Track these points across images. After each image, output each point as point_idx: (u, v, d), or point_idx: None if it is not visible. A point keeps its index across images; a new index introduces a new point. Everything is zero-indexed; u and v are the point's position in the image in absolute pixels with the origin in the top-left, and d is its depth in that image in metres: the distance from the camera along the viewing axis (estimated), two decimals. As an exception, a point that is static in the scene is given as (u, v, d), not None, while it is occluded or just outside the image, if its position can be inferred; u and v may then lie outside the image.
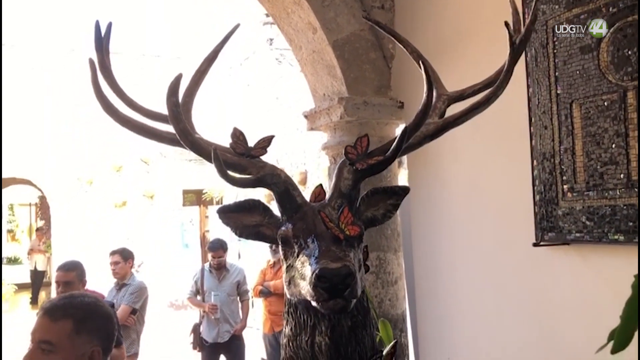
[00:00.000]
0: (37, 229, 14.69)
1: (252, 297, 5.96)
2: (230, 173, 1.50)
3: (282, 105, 8.61)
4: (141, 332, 4.95)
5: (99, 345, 1.66)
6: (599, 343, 2.32)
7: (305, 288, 1.35)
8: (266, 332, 5.71)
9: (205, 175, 11.11)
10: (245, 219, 1.60)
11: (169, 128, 1.68)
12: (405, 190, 1.64)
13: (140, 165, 11.34)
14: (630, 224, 2.17)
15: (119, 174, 11.15)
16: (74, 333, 1.61)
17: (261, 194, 5.35)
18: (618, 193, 2.22)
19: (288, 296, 1.53)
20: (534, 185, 2.55)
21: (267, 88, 9.46)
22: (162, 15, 11.09)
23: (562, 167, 2.43)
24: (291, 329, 1.53)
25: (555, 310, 2.51)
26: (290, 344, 1.52)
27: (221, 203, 11.54)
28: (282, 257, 1.54)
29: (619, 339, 0.90)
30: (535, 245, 2.50)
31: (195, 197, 11.64)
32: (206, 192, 11.21)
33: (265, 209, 1.60)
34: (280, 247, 1.54)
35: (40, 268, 13.14)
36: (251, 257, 9.02)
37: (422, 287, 3.35)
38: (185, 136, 1.55)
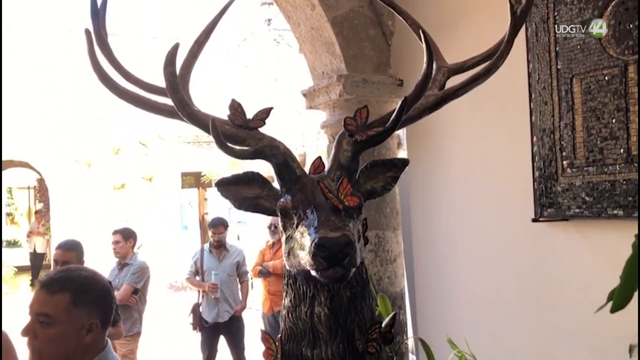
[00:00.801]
0: (36, 212, 14.71)
1: (251, 279, 5.98)
2: (229, 144, 1.49)
3: (281, 87, 8.58)
4: (143, 311, 4.97)
5: (97, 318, 1.67)
6: (598, 318, 2.33)
7: (304, 258, 1.35)
8: (265, 312, 5.74)
9: (203, 158, 11.11)
10: (244, 192, 1.60)
11: (166, 101, 1.67)
12: (404, 163, 1.64)
13: (139, 147, 11.32)
14: (630, 198, 2.17)
15: (117, 157, 11.14)
16: (72, 306, 1.62)
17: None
18: (618, 168, 2.21)
19: (287, 267, 1.53)
20: (533, 162, 2.54)
21: (265, 70, 9.41)
22: (160, -4, 11.00)
23: (562, 142, 2.42)
24: (290, 300, 1.53)
25: (554, 285, 2.52)
26: (290, 315, 1.53)
27: (220, 185, 11.55)
28: (280, 228, 1.54)
29: (618, 299, 0.90)
30: (534, 221, 2.49)
31: (194, 180, 11.62)
32: (205, 175, 11.20)
33: (264, 181, 1.60)
34: (279, 218, 1.54)
35: (39, 250, 13.18)
36: (250, 239, 9.04)
37: (421, 264, 3.36)
38: (183, 107, 1.53)
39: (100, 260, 5.46)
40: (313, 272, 1.33)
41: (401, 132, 4.25)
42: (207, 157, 10.92)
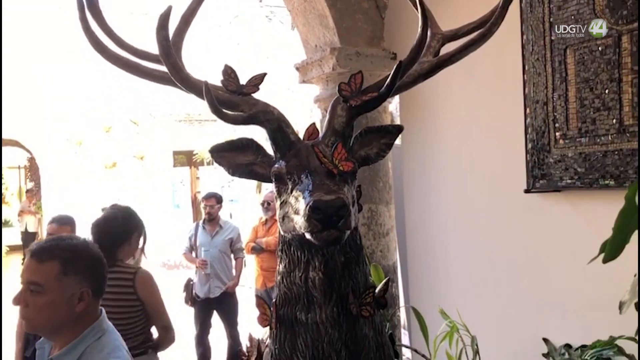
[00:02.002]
0: (27, 191, 14.63)
1: (245, 256, 6.00)
2: (223, 110, 1.48)
3: (273, 65, 8.51)
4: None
5: (88, 287, 1.66)
6: (589, 288, 2.37)
7: (299, 222, 1.35)
8: (258, 288, 5.77)
9: (195, 136, 11.05)
10: (238, 158, 1.59)
11: (159, 68, 1.65)
12: (398, 129, 1.64)
13: (130, 126, 11.24)
14: (621, 169, 2.18)
15: (108, 135, 11.06)
16: (62, 274, 1.61)
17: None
18: (610, 138, 2.23)
19: (282, 233, 1.53)
20: (526, 133, 2.55)
21: (257, 47, 9.33)
22: (150, -29, 10.82)
23: (555, 114, 2.43)
24: (285, 266, 1.54)
25: (545, 256, 2.54)
26: (284, 280, 1.54)
27: (212, 164, 11.53)
28: (275, 194, 1.54)
29: (610, 250, 0.91)
30: (526, 192, 2.51)
31: (185, 159, 11.59)
32: (197, 154, 11.16)
33: (258, 148, 1.60)
34: (273, 184, 1.53)
35: (31, 229, 13.13)
36: (242, 217, 9.05)
37: (413, 238, 3.38)
38: (176, 72, 1.52)
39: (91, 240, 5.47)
40: (308, 235, 1.33)
41: (394, 109, 4.25)
42: (199, 135, 10.87)
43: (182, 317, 6.43)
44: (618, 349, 1.92)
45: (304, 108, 8.11)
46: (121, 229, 2.85)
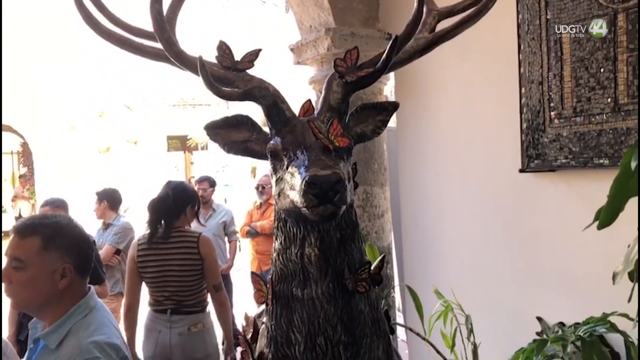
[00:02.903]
0: (20, 176, 14.56)
1: (239, 240, 6.00)
2: (217, 85, 1.47)
3: (267, 49, 8.47)
4: (125, 271, 4.98)
5: (70, 263, 1.67)
6: (582, 267, 2.38)
7: (295, 197, 1.35)
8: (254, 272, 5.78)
9: (189, 121, 11.01)
10: (233, 135, 1.58)
11: (153, 44, 1.64)
12: (394, 106, 1.63)
13: (124, 110, 11.18)
14: (616, 147, 2.19)
15: (102, 120, 11.00)
16: (43, 249, 1.63)
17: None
18: (604, 117, 2.23)
19: (278, 210, 1.53)
20: (521, 113, 2.55)
21: (251, 31, 9.26)
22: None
23: (550, 93, 2.43)
24: (281, 243, 1.54)
25: (540, 235, 2.56)
26: (280, 257, 1.54)
27: (206, 149, 11.48)
28: (271, 171, 1.53)
29: (605, 216, 0.91)
30: (521, 171, 2.52)
31: (179, 143, 11.56)
32: (191, 138, 11.13)
33: (253, 124, 1.59)
34: (269, 161, 1.53)
35: (25, 215, 13.08)
36: (237, 201, 9.05)
37: (408, 219, 3.39)
38: (170, 47, 1.50)
39: (85, 224, 5.47)
40: (304, 210, 1.33)
41: (389, 93, 4.24)
42: (192, 120, 10.83)
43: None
44: (611, 325, 1.94)
45: (298, 92, 8.07)
46: (173, 205, 3.26)
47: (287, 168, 1.43)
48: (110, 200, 5.07)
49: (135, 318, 3.26)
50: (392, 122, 3.94)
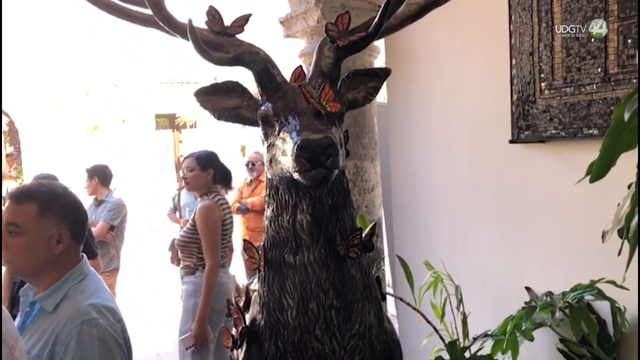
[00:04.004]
0: (7, 155, 14.41)
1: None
2: (208, 50, 1.45)
3: (255, 26, 8.37)
4: (120, 248, 5.00)
5: (67, 229, 1.69)
6: (571, 237, 2.41)
7: (287, 163, 1.35)
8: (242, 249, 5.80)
9: (178, 99, 10.91)
10: (223, 102, 1.57)
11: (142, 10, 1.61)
12: (386, 72, 1.62)
13: (111, 88, 11.06)
14: (605, 117, 2.20)
15: (89, 98, 10.88)
16: (39, 215, 1.64)
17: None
18: (595, 87, 2.24)
19: (269, 176, 1.53)
20: (512, 85, 2.55)
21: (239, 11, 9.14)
22: None
23: (541, 64, 2.42)
24: (273, 210, 1.54)
25: (529, 207, 2.58)
26: (272, 224, 1.54)
27: (195, 127, 11.41)
28: (262, 137, 1.53)
29: (597, 169, 0.92)
30: (511, 142, 2.53)
31: (168, 122, 11.46)
32: (179, 117, 11.04)
33: (244, 91, 1.58)
34: (260, 127, 1.52)
35: (12, 195, 12.98)
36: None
37: (398, 192, 3.40)
38: (159, 11, 1.48)
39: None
40: (296, 175, 1.33)
41: (380, 66, 4.21)
42: (181, 98, 10.73)
43: (168, 278, 6.49)
44: (598, 292, 1.97)
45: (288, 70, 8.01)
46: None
47: (278, 134, 1.42)
48: (101, 176, 5.06)
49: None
50: (384, 99, 3.95)
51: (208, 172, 3.66)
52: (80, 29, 9.23)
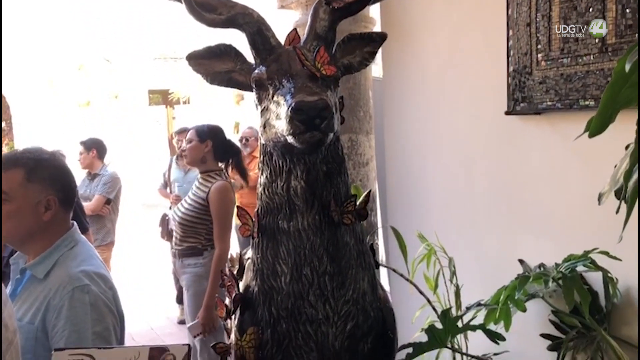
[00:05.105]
0: (-2, 131, 14.30)
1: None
2: (200, 11, 1.42)
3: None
4: (116, 221, 4.99)
5: (54, 195, 1.67)
6: (565, 209, 2.41)
7: (281, 126, 1.33)
8: (238, 223, 5.78)
9: (171, 75, 10.81)
10: (216, 66, 1.55)
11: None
12: (382, 37, 1.60)
13: (103, 63, 10.94)
14: (602, 88, 2.19)
15: (81, 73, 10.76)
16: (26, 181, 1.62)
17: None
18: (592, 58, 2.22)
19: (263, 142, 1.51)
20: (508, 56, 2.53)
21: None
22: None
23: (538, 35, 2.40)
24: (266, 177, 1.53)
25: (524, 179, 2.57)
26: (266, 191, 1.53)
27: (188, 103, 11.34)
28: (255, 102, 1.51)
29: (596, 124, 0.91)
30: (507, 114, 2.51)
31: (161, 98, 11.37)
32: (172, 93, 10.95)
33: (238, 54, 1.55)
34: (254, 91, 1.50)
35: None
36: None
37: (392, 166, 3.38)
38: (150, -30, 1.45)
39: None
40: (290, 139, 1.31)
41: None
42: (174, 74, 10.63)
43: (161, 253, 6.50)
44: (592, 262, 1.97)
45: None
46: None
47: (272, 97, 1.40)
48: (99, 149, 5.03)
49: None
50: (379, 73, 3.92)
51: (206, 143, 3.50)
52: (72, 4, 9.10)
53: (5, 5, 9.81)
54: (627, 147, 0.99)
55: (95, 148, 5.02)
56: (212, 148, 3.53)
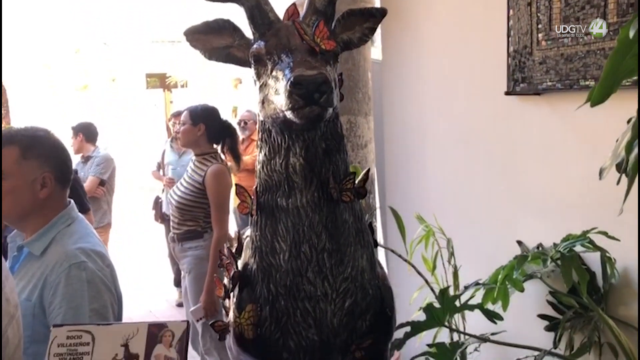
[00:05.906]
0: (-5, 115, 14.23)
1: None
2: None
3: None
4: (111, 202, 4.98)
5: (50, 172, 1.66)
6: (564, 190, 2.41)
7: (280, 101, 1.31)
8: (236, 207, 5.78)
9: (168, 59, 10.75)
10: (214, 41, 1.53)
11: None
12: (382, 12, 1.58)
13: (101, 47, 10.86)
14: (602, 68, 2.17)
15: (78, 57, 10.69)
16: (22, 158, 1.62)
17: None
18: (592, 38, 2.20)
19: (261, 118, 1.50)
20: (508, 36, 2.51)
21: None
22: None
23: (539, 14, 2.38)
24: (265, 154, 1.51)
25: (523, 159, 2.57)
26: (264, 168, 1.51)
27: (186, 87, 11.28)
28: (254, 78, 1.49)
29: (598, 93, 0.89)
30: (506, 94, 2.50)
31: (158, 81, 11.30)
32: (170, 76, 10.89)
33: (236, 29, 1.53)
34: (252, 67, 1.48)
35: (1, 155, 12.87)
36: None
37: (391, 147, 3.38)
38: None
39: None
40: (289, 114, 1.29)
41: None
42: (172, 57, 10.56)
43: (157, 236, 6.51)
44: (590, 241, 1.97)
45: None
46: None
47: (271, 72, 1.39)
48: (85, 133, 5.02)
49: None
50: (378, 55, 3.89)
51: (199, 127, 3.43)
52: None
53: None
54: (628, 121, 0.98)
55: (81, 132, 5.02)
56: (205, 131, 3.46)
